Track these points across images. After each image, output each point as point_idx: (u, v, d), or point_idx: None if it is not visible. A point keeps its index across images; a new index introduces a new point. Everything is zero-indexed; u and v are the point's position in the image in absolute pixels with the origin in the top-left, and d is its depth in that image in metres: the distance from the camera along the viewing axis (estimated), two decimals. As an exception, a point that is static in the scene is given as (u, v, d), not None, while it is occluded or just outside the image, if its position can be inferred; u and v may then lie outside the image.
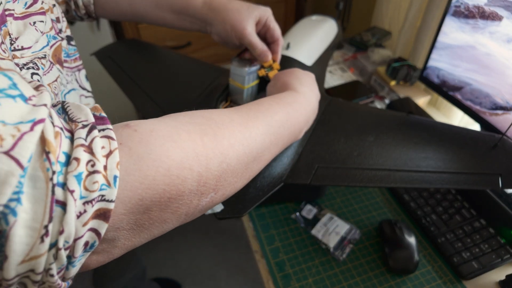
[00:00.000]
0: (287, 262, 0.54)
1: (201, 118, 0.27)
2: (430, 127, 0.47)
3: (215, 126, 0.26)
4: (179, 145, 0.23)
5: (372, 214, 0.61)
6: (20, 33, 0.31)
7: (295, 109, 0.36)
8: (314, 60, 0.58)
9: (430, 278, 0.52)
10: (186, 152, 0.23)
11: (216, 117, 0.28)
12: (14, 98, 0.16)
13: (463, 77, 0.62)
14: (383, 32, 0.98)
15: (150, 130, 0.22)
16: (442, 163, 0.42)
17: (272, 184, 0.42)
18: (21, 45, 0.31)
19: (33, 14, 0.33)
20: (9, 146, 0.15)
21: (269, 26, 0.48)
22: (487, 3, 0.55)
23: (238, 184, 0.29)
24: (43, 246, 0.16)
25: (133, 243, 0.23)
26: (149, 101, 0.56)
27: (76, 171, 0.17)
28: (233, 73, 0.50)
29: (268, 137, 0.31)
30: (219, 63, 1.44)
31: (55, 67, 0.36)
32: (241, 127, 0.28)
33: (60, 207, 0.17)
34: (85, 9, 0.51)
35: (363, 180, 0.41)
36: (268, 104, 0.34)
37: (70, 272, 0.19)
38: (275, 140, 0.32)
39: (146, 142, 0.21)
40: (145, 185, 0.20)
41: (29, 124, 0.16)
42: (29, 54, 0.31)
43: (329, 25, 0.65)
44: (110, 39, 1.25)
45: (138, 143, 0.21)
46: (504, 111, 0.56)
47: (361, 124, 0.48)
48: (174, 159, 0.22)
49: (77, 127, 0.19)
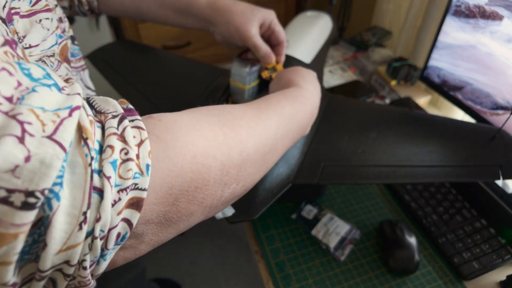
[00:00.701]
0: (287, 263, 0.54)
1: (218, 111, 0.27)
2: (430, 121, 0.48)
3: (231, 117, 0.27)
4: (202, 133, 0.23)
5: (372, 214, 0.61)
6: (27, 31, 0.31)
7: (302, 103, 0.37)
8: (312, 57, 0.58)
9: (430, 278, 0.52)
10: (209, 141, 0.23)
11: (231, 110, 0.28)
12: (49, 87, 0.17)
13: (464, 77, 0.62)
14: (383, 32, 0.97)
15: (173, 120, 0.23)
16: (444, 156, 0.43)
17: (281, 185, 0.42)
18: (29, 43, 0.31)
19: (39, 11, 0.33)
20: (51, 131, 0.15)
21: (274, 29, 0.48)
22: (488, 3, 0.55)
23: (256, 176, 0.29)
24: (81, 234, 0.16)
25: (160, 239, 0.23)
26: (148, 104, 0.56)
27: (111, 158, 0.18)
28: (234, 73, 0.50)
29: (280, 129, 0.32)
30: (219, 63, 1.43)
31: (63, 66, 0.36)
32: (255, 119, 0.29)
33: (97, 193, 0.17)
34: (88, 5, 0.51)
35: (370, 177, 0.41)
36: (277, 99, 0.35)
37: (100, 267, 0.19)
38: (287, 132, 0.33)
39: (171, 130, 0.22)
40: (174, 172, 0.21)
41: (67, 110, 0.16)
42: (38, 52, 0.31)
43: (324, 21, 0.65)
44: (109, 39, 1.25)
45: (165, 132, 0.21)
46: (505, 111, 0.55)
47: (363, 121, 0.48)
48: (198, 147, 0.22)
49: (107, 117, 0.19)
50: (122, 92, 0.59)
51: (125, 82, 0.60)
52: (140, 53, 0.67)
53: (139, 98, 0.57)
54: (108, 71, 0.62)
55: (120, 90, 0.59)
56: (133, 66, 0.63)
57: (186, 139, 0.22)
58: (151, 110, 0.55)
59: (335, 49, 0.99)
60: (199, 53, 1.41)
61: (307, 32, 0.61)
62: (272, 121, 0.31)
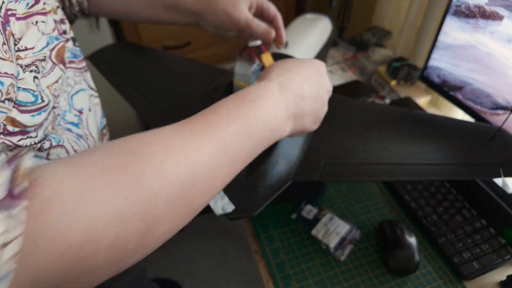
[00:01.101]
0: (287, 263, 0.54)
1: (124, 155, 0.22)
2: (430, 121, 0.48)
3: (139, 163, 0.22)
4: (87, 209, 0.19)
5: (372, 214, 0.61)
6: (23, 33, 0.30)
7: (261, 106, 0.30)
8: (312, 57, 0.58)
9: (430, 278, 0.52)
10: (96, 218, 0.19)
11: (144, 148, 0.23)
12: None
13: (464, 77, 0.62)
14: (383, 32, 0.97)
15: (50, 196, 0.19)
16: (445, 155, 0.43)
17: (281, 182, 0.42)
18: (25, 45, 0.30)
19: (35, 14, 0.32)
20: None
21: (262, 6, 0.48)
22: (488, 3, 0.55)
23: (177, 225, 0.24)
24: None
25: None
26: (148, 104, 0.56)
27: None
28: (237, 73, 0.50)
29: (220, 156, 0.26)
30: (219, 63, 1.43)
31: (58, 67, 0.36)
32: (177, 153, 0.24)
33: None
34: (78, 6, 0.51)
35: (370, 174, 0.42)
36: (225, 111, 0.28)
37: None
38: (233, 155, 0.27)
39: (44, 215, 0.18)
40: (43, 267, 0.18)
41: None
42: (31, 55, 0.31)
43: (324, 23, 0.66)
44: (110, 40, 1.25)
45: (35, 220, 0.18)
46: (505, 111, 0.55)
47: (363, 120, 0.48)
48: (78, 232, 0.19)
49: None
50: (123, 93, 0.59)
51: (126, 83, 0.60)
52: (140, 54, 0.67)
53: (139, 98, 0.57)
54: (109, 71, 0.62)
55: (120, 91, 0.59)
56: (134, 66, 0.64)
57: (60, 225, 0.18)
58: (152, 110, 0.55)
59: (335, 49, 0.99)
60: (199, 53, 1.41)
61: (307, 33, 0.61)
62: (206, 150, 0.25)
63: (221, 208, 0.38)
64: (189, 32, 1.34)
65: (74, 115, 0.41)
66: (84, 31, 1.19)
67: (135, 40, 1.30)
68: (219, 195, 0.38)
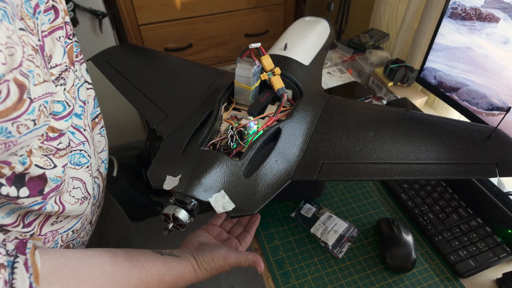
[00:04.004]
0: (287, 260, 0.55)
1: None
2: (427, 121, 0.49)
3: None
4: None
5: (370, 213, 0.62)
6: (51, 50, 0.33)
7: None
8: (310, 60, 0.59)
9: (427, 276, 0.53)
10: None
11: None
12: None
13: (460, 78, 0.63)
14: (381, 34, 0.99)
15: None
16: (441, 154, 0.44)
17: (280, 182, 0.43)
18: (55, 62, 0.33)
19: (56, 28, 0.34)
20: None
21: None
22: (484, 5, 0.56)
23: None
24: None
25: None
26: (150, 104, 0.57)
27: None
28: (238, 75, 0.51)
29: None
30: (220, 65, 1.44)
31: (71, 70, 0.37)
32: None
33: None
34: None
35: (367, 174, 0.42)
36: None
37: None
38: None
39: None
40: None
41: None
42: (58, 69, 0.34)
43: (323, 25, 0.67)
44: (113, 42, 1.26)
45: None
46: (500, 111, 0.56)
47: (361, 120, 0.49)
48: None
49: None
50: (125, 94, 0.60)
51: (128, 84, 0.61)
52: (142, 56, 0.68)
53: (141, 99, 0.58)
54: (112, 73, 0.63)
55: (123, 91, 0.60)
56: (136, 68, 0.65)
57: None
58: (153, 111, 0.56)
59: (333, 51, 1.01)
60: (200, 55, 1.43)
61: (306, 35, 0.62)
62: None
63: (222, 207, 0.38)
64: (190, 34, 1.36)
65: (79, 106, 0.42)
66: (87, 34, 1.20)
67: (137, 42, 1.32)
68: (220, 194, 0.39)
